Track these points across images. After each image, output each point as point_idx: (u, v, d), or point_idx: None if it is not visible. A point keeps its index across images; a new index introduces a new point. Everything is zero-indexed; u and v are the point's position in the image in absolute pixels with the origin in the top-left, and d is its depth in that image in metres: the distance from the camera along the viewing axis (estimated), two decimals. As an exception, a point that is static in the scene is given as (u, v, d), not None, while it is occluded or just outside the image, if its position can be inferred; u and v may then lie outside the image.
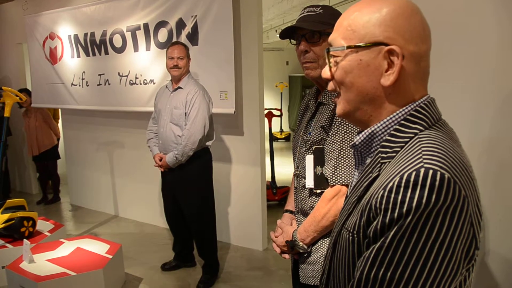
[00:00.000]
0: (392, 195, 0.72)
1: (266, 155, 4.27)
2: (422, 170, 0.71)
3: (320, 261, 1.53)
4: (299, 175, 1.64)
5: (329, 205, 1.46)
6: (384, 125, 0.85)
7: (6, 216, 3.69)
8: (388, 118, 0.85)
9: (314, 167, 1.52)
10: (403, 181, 0.71)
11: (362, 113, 0.88)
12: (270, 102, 10.42)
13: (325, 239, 1.53)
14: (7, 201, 3.86)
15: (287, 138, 10.69)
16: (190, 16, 3.87)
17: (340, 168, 1.45)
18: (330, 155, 1.48)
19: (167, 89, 3.40)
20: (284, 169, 7.01)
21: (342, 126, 1.45)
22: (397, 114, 0.84)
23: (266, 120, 4.66)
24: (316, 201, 1.54)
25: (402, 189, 0.71)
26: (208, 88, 3.38)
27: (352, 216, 0.86)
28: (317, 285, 1.56)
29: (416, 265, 0.70)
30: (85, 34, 4.80)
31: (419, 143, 0.78)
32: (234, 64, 3.74)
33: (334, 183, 1.46)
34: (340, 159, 1.45)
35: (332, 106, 1.49)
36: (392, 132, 0.84)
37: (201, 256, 3.55)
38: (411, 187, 0.70)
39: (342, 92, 0.89)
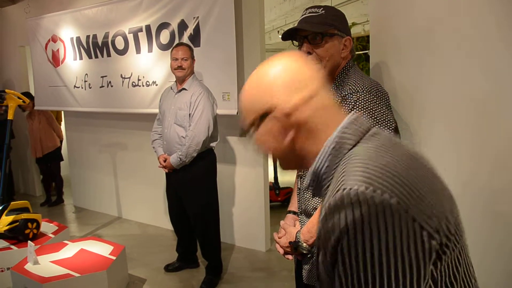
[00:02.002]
0: (327, 222, 0.77)
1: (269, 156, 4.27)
2: (338, 194, 0.75)
3: None
4: (302, 176, 1.64)
5: None
6: (319, 161, 0.90)
7: (11, 218, 3.71)
8: (318, 156, 0.90)
9: None
10: (328, 208, 0.76)
11: (295, 163, 1.00)
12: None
13: None
14: (11, 203, 3.88)
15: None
16: (192, 18, 3.88)
17: None
18: None
19: (171, 90, 3.41)
20: (287, 170, 7.00)
21: None
22: (324, 149, 0.89)
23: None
24: (319, 202, 1.54)
25: (329, 216, 0.76)
26: (210, 89, 3.38)
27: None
28: None
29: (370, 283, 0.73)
30: (87, 37, 4.82)
31: (344, 164, 0.83)
32: (236, 65, 3.75)
33: None
34: None
35: None
36: (327, 164, 0.89)
37: (205, 257, 3.56)
38: (334, 212, 0.75)
39: (273, 155, 1.00)
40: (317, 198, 1.57)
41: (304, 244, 1.54)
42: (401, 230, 0.71)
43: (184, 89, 3.29)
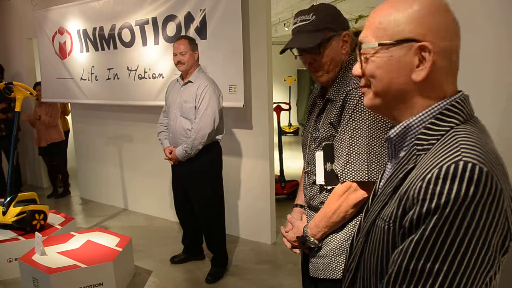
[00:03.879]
0: (431, 186, 0.73)
1: (274, 149, 4.27)
2: (461, 163, 0.73)
3: (330, 255, 1.54)
4: (309, 172, 1.64)
5: (340, 200, 1.47)
6: (419, 118, 0.87)
7: (18, 209, 3.74)
8: (423, 112, 0.87)
9: (324, 164, 1.52)
10: (442, 172, 0.73)
11: (391, 107, 0.91)
12: (279, 96, 10.38)
13: (336, 234, 1.53)
14: (19, 194, 3.91)
15: (295, 132, 10.68)
16: (198, 10, 3.87)
17: (350, 164, 1.44)
18: (340, 151, 1.48)
19: (177, 82, 3.41)
20: (293, 163, 7.00)
21: (352, 123, 1.44)
22: (432, 108, 0.86)
23: (274, 114, 4.66)
24: (327, 197, 1.54)
25: (441, 180, 0.73)
26: (216, 82, 3.38)
27: (388, 206, 0.88)
28: (326, 278, 1.56)
29: (455, 256, 0.72)
30: (94, 29, 4.82)
31: (456, 137, 0.80)
32: (243, 57, 3.74)
33: (344, 179, 1.46)
34: (350, 155, 1.44)
35: (340, 103, 1.48)
36: (428, 125, 0.86)
37: (210, 249, 3.57)
38: (450, 179, 0.72)
39: (373, 86, 0.91)
40: (324, 193, 1.57)
41: (312, 238, 1.55)
42: (498, 218, 0.72)
43: (190, 81, 3.28)
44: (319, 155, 1.54)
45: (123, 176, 5.31)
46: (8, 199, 3.79)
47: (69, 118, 6.22)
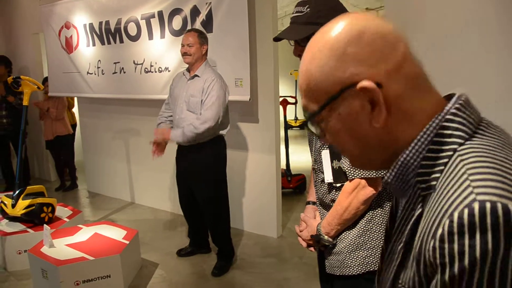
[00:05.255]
0: (446, 246, 0.57)
1: (281, 143, 4.27)
2: (476, 205, 0.55)
3: (345, 251, 1.55)
4: (317, 169, 1.65)
5: (350, 198, 1.47)
6: (413, 151, 0.69)
7: (27, 202, 3.78)
8: (414, 142, 0.69)
9: (331, 161, 1.53)
10: (455, 225, 0.56)
11: (378, 158, 0.75)
12: (285, 89, 10.37)
13: (349, 230, 1.54)
14: (27, 187, 3.95)
15: (301, 126, 10.67)
16: (204, 3, 3.87)
17: None
18: None
19: (184, 76, 3.41)
20: (299, 157, 7.00)
21: None
22: (424, 133, 0.69)
23: (281, 107, 4.66)
24: (336, 195, 1.55)
25: (456, 236, 0.56)
26: (223, 76, 3.38)
27: (406, 268, 0.71)
28: (342, 275, 1.57)
29: None
30: (100, 23, 4.83)
31: (461, 164, 0.63)
32: (249, 51, 3.73)
33: (352, 177, 1.47)
34: None
35: None
36: (426, 154, 0.68)
37: (215, 243, 3.60)
38: (468, 232, 0.55)
39: (346, 152, 0.78)
40: (333, 190, 1.57)
41: (326, 236, 1.56)
42: None
43: (196, 75, 3.29)
44: (325, 153, 1.55)
45: (130, 169, 5.35)
46: (17, 192, 3.84)
47: (75, 111, 6.25)
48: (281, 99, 5.03)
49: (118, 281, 3.20)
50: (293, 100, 5.97)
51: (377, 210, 1.51)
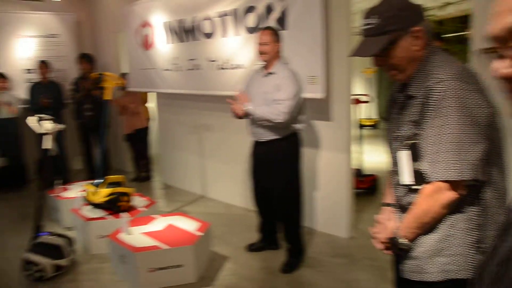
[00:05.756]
0: None
1: (354, 142, 4.18)
2: None
3: (424, 257, 1.48)
4: (395, 171, 1.59)
5: (430, 202, 1.41)
6: None
7: (108, 191, 4.01)
8: None
9: (410, 163, 1.46)
10: None
11: None
12: (358, 88, 10.13)
13: (429, 235, 1.47)
14: (108, 177, 4.18)
15: (374, 126, 10.37)
16: (279, 0, 3.87)
17: (438, 163, 1.37)
18: (426, 150, 1.40)
19: (259, 73, 3.42)
20: (371, 157, 6.80)
21: (437, 119, 1.36)
22: None
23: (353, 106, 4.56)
24: (414, 197, 1.48)
25: None
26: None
27: None
28: (420, 281, 1.50)
29: None
30: (176, 21, 5.00)
31: None
32: (323, 48, 3.68)
33: (432, 179, 1.39)
34: (437, 154, 1.36)
35: (421, 99, 1.41)
36: None
37: (287, 239, 3.58)
38: None
39: None
40: (411, 193, 1.51)
41: (403, 240, 1.50)
42: None
43: (271, 73, 3.29)
44: (403, 155, 1.48)
45: (202, 163, 5.49)
46: (100, 181, 4.08)
47: (150, 106, 6.52)
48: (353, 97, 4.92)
49: (189, 271, 3.30)
50: (365, 99, 5.82)
51: (459, 215, 1.43)
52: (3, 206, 5.81)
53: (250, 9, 4.15)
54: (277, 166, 3.37)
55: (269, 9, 3.98)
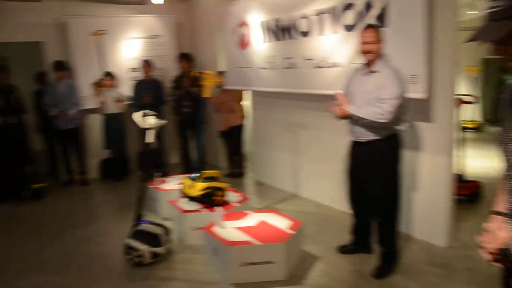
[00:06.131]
0: None
1: (456, 145, 3.93)
2: None
3: None
4: (509, 176, 1.45)
5: None
6: None
7: (204, 185, 4.16)
8: None
9: None
10: None
11: None
12: (461, 87, 9.49)
13: None
14: (204, 171, 4.34)
15: (478, 129, 9.65)
16: (380, -4, 3.74)
17: None
18: None
19: (360, 71, 3.34)
20: (474, 162, 6.35)
21: None
22: None
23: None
24: None
25: None
26: (397, 71, 3.23)
27: None
28: None
29: None
30: (273, 20, 5.04)
31: None
32: (426, 45, 3.49)
33: None
34: None
35: None
36: None
37: (380, 243, 3.46)
38: None
39: None
40: None
41: None
42: None
43: (373, 71, 3.19)
44: None
45: (295, 162, 5.50)
46: (196, 175, 4.25)
47: (245, 104, 6.65)
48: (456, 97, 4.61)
49: (280, 268, 3.32)
50: (469, 99, 5.44)
51: None
52: (107, 195, 6.31)
53: (348, 7, 4.06)
54: (376, 168, 3.27)
55: (368, 6, 3.86)
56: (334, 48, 4.30)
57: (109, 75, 6.67)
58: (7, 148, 5.85)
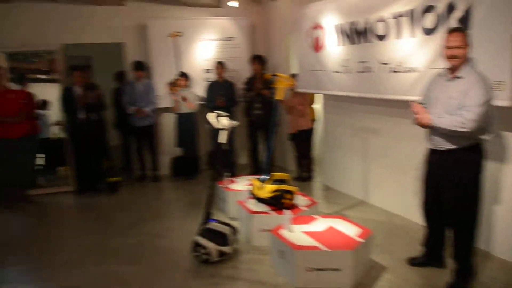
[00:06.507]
0: None
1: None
2: None
3: None
4: None
5: None
6: None
7: (274, 187, 4.18)
8: None
9: None
10: None
11: None
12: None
13: None
14: (273, 174, 4.36)
15: None
16: (463, -2, 3.55)
17: None
18: None
19: (442, 77, 3.20)
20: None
21: None
22: None
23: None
24: None
25: None
26: (482, 77, 3.04)
27: None
28: None
29: None
30: (348, 23, 4.95)
31: None
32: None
33: None
34: None
35: None
36: None
37: (455, 257, 3.28)
38: None
39: None
40: None
41: None
42: None
43: (458, 77, 3.04)
44: None
45: (366, 168, 5.37)
46: (266, 177, 4.28)
47: (316, 107, 6.59)
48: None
49: (346, 276, 3.26)
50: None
51: None
52: (177, 192, 6.53)
53: (428, 9, 3.89)
54: (455, 177, 3.11)
55: (450, 8, 3.67)
56: (411, 52, 4.15)
57: (183, 75, 6.89)
58: (88, 143, 6.23)
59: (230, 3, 7.13)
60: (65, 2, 6.60)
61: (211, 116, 4.04)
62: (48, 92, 6.56)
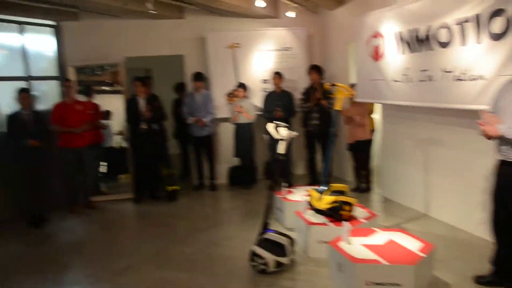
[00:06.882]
0: None
1: None
2: None
3: None
4: None
5: None
6: None
7: (332, 198, 4.13)
8: None
9: None
10: None
11: None
12: None
13: None
14: (332, 185, 4.31)
15: None
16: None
17: None
18: None
19: (512, 85, 3.05)
20: None
21: None
22: None
23: None
24: None
25: None
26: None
27: None
28: None
29: None
30: (409, 31, 4.82)
31: None
32: None
33: None
34: None
35: None
36: None
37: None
38: None
39: None
40: None
41: None
42: None
43: None
44: None
45: (428, 180, 5.18)
46: (324, 188, 4.23)
47: (375, 117, 6.46)
48: None
49: (407, 292, 3.14)
50: None
51: None
52: (234, 201, 6.61)
53: (496, 13, 3.71)
54: None
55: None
56: (477, 59, 3.97)
57: (241, 86, 7.00)
58: (149, 152, 6.45)
59: (287, 14, 7.17)
60: (128, 18, 6.94)
61: (270, 127, 4.07)
62: (111, 103, 6.93)
